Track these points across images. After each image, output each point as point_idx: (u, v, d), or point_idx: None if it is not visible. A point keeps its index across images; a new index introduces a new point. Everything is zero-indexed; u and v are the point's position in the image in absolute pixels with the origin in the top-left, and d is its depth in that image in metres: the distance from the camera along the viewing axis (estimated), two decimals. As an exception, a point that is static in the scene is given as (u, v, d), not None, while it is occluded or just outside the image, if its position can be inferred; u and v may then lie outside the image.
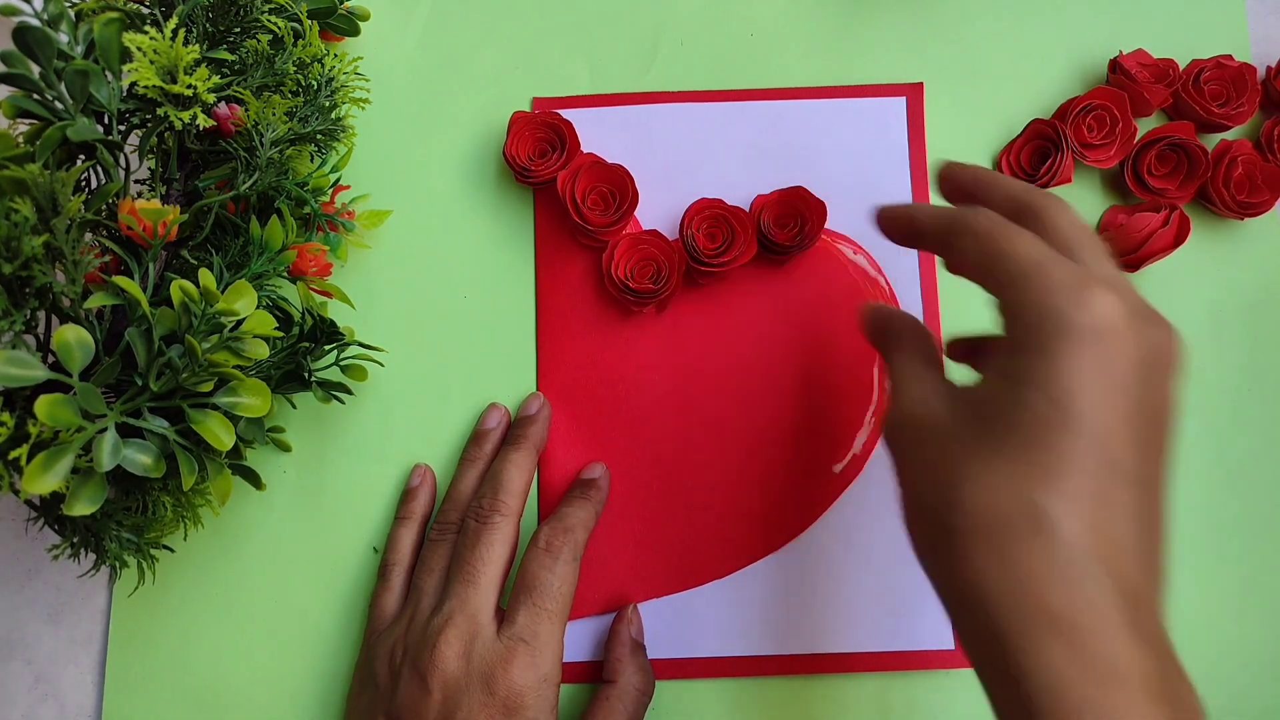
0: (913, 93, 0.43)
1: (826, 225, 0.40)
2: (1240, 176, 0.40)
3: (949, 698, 0.38)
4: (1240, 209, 0.40)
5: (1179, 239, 0.39)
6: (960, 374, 0.31)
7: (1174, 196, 0.40)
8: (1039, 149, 0.41)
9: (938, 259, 0.41)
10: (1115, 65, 0.41)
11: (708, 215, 0.40)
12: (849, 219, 0.41)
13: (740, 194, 0.41)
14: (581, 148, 0.41)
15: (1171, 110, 0.42)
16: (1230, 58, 0.41)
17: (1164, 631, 0.23)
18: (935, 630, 0.38)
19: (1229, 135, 0.42)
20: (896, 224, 0.32)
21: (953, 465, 0.25)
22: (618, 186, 0.40)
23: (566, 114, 0.42)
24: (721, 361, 0.41)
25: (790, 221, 0.40)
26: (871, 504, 0.39)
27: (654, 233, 0.40)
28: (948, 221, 0.28)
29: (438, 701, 0.32)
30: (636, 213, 0.41)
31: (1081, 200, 0.42)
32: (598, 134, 0.42)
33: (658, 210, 0.42)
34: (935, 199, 0.41)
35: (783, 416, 0.40)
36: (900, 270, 0.40)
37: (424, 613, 0.35)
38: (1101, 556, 0.22)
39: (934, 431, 0.27)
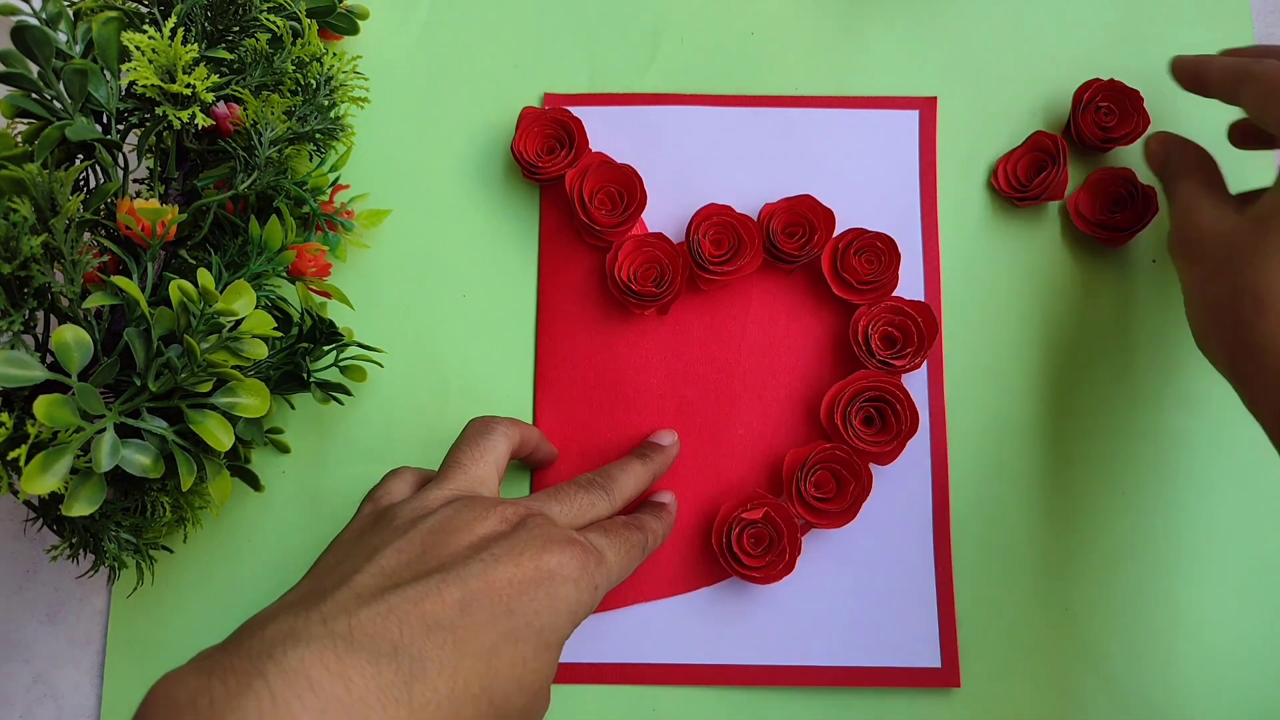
0: (926, 106, 0.42)
1: (834, 235, 0.40)
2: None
3: (936, 716, 0.38)
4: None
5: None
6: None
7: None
8: (1036, 161, 0.41)
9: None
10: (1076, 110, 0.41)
11: (715, 222, 0.40)
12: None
13: (748, 200, 0.41)
14: (590, 146, 0.41)
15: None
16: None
17: None
18: (923, 648, 0.38)
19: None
20: (1187, 74, 0.36)
21: (1245, 258, 0.30)
22: (626, 187, 0.40)
23: (576, 111, 0.41)
24: (721, 366, 0.40)
25: (798, 230, 0.40)
26: (865, 516, 0.38)
27: (659, 235, 0.40)
28: (1236, 72, 0.33)
29: (458, 542, 0.27)
30: (643, 214, 0.41)
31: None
32: (606, 133, 0.42)
33: (664, 212, 0.41)
34: (943, 213, 0.41)
35: (780, 426, 0.40)
36: (904, 273, 0.40)
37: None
38: None
39: (1225, 239, 0.31)
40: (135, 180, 0.36)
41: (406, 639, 0.23)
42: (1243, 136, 0.38)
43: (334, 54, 0.39)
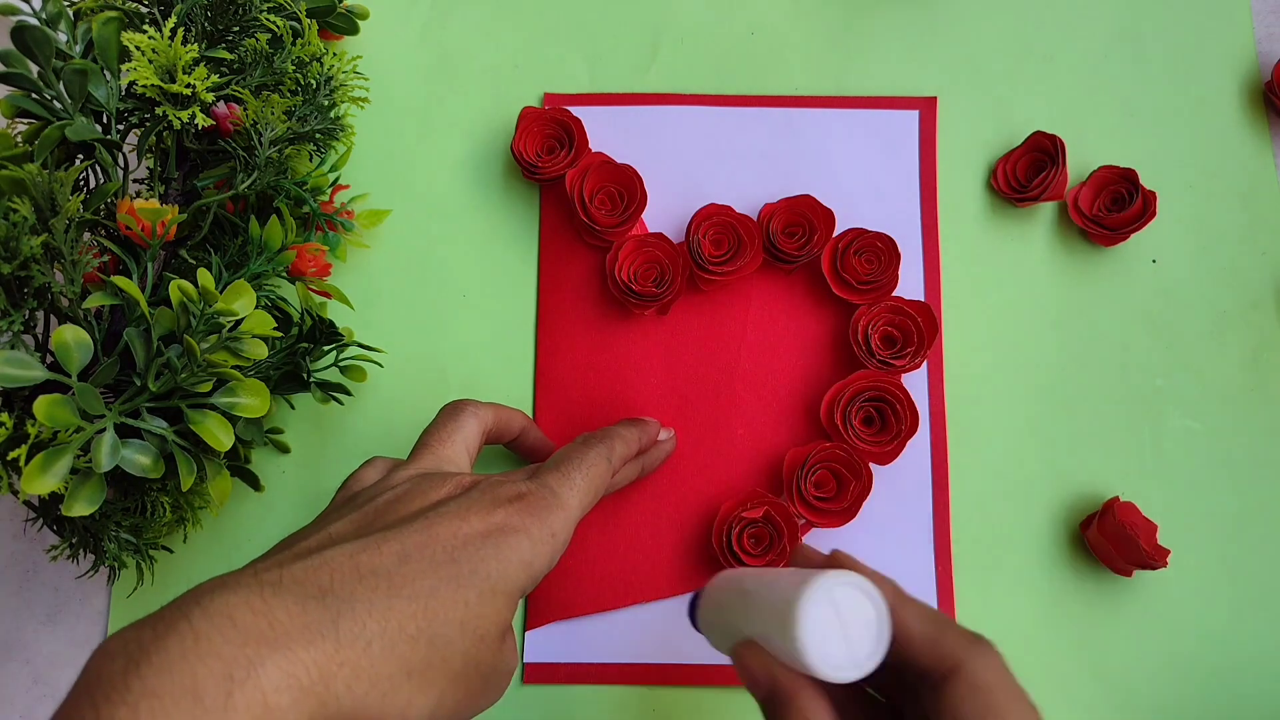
0: (925, 106, 0.42)
1: (834, 235, 0.40)
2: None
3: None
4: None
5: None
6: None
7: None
8: (1035, 161, 0.41)
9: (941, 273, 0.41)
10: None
11: (715, 222, 0.40)
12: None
13: (748, 199, 0.41)
14: (590, 146, 0.41)
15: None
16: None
17: None
18: None
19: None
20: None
21: None
22: (626, 187, 0.40)
23: (576, 111, 0.41)
24: (721, 366, 0.40)
25: (798, 230, 0.40)
26: (865, 516, 0.38)
27: (659, 236, 0.40)
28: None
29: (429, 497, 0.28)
30: (643, 214, 0.41)
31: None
32: (607, 133, 0.42)
33: (664, 213, 0.42)
34: (943, 213, 0.42)
35: (780, 425, 0.40)
36: (904, 273, 0.40)
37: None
38: None
39: None
40: (135, 180, 0.36)
41: (337, 584, 0.23)
42: None
43: (334, 54, 0.39)
